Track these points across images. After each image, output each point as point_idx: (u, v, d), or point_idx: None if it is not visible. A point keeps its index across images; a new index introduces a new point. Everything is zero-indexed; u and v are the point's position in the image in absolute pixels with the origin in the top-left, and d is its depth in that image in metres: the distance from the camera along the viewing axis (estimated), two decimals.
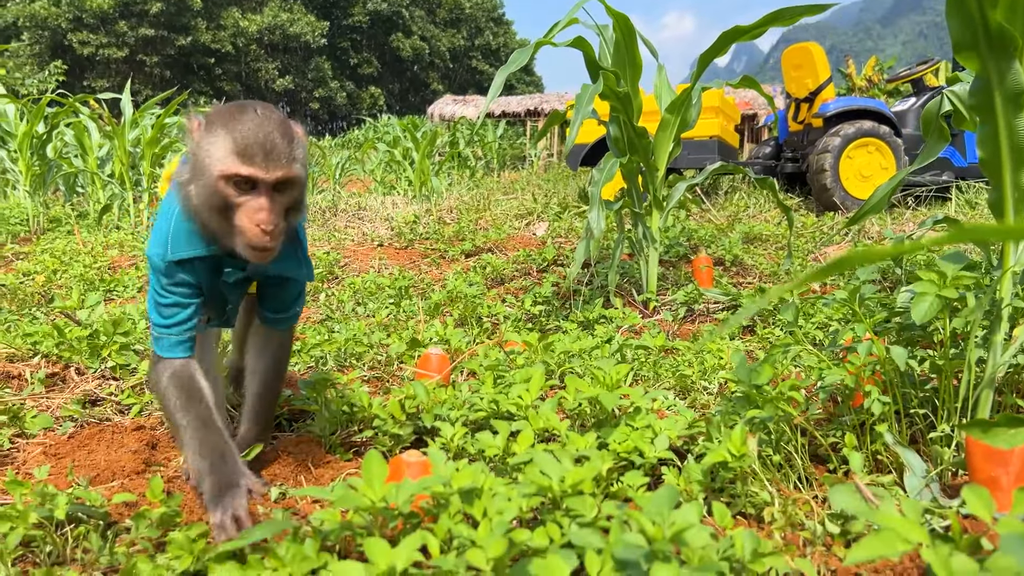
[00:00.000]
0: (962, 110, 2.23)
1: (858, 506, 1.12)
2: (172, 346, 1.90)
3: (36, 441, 2.33)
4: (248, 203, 1.65)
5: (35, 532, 1.62)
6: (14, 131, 8.45)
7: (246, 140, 1.63)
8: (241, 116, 1.66)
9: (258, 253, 1.69)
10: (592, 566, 1.20)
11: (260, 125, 1.65)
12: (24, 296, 4.68)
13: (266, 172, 1.64)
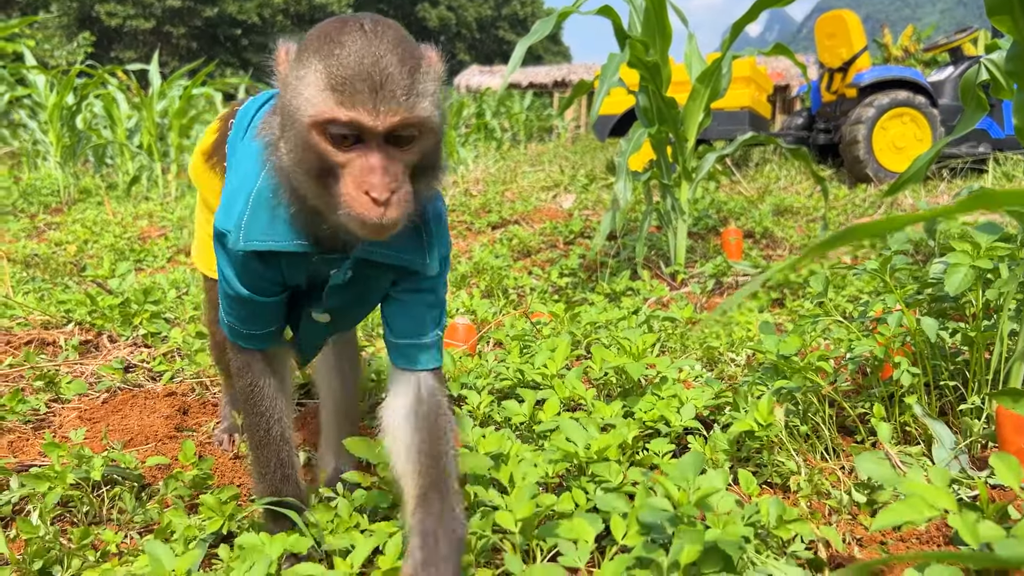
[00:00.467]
0: (1000, 79, 2.18)
1: (885, 474, 1.11)
2: (246, 339, 1.48)
3: (71, 406, 2.38)
4: (354, 162, 1.16)
5: (72, 492, 1.66)
6: (44, 102, 8.53)
7: (345, 70, 1.13)
8: (341, 36, 1.16)
9: (372, 229, 1.15)
10: (617, 529, 1.20)
11: (367, 47, 1.14)
12: (56, 265, 4.75)
13: (375, 116, 1.13)
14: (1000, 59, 2.19)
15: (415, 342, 1.42)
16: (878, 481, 1.26)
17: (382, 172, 1.13)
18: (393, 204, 1.14)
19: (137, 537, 1.60)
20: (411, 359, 1.42)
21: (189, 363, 2.66)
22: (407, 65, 1.15)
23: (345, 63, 1.12)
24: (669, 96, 4.20)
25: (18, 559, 1.42)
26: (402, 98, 1.14)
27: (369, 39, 1.15)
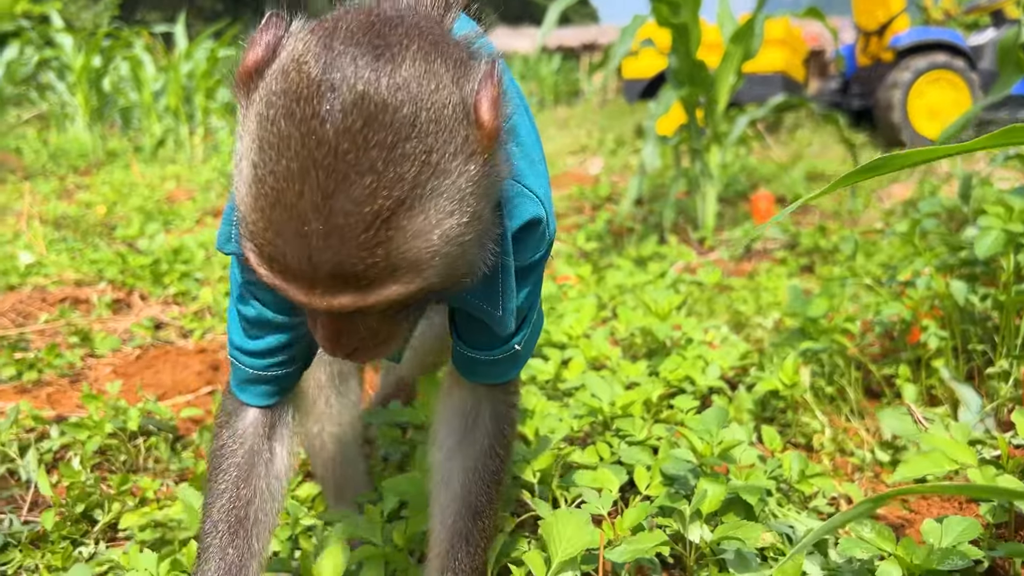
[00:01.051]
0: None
1: (907, 429, 1.12)
2: (246, 383, 1.13)
3: (105, 361, 2.43)
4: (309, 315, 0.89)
5: (110, 441, 1.70)
6: (72, 64, 8.58)
7: (272, 216, 0.76)
8: (284, 130, 0.75)
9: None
10: (641, 480, 1.22)
11: (311, 175, 0.73)
12: (86, 226, 4.81)
13: (311, 297, 0.79)
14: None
15: (490, 355, 1.13)
16: (901, 436, 1.27)
17: (334, 339, 0.86)
18: (359, 354, 0.90)
19: (173, 485, 1.64)
20: (480, 373, 1.16)
21: (219, 321, 2.70)
22: (380, 203, 0.74)
23: (272, 202, 0.75)
24: (699, 58, 4.15)
25: (61, 502, 1.46)
26: (356, 279, 0.76)
27: (322, 152, 0.73)
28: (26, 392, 2.18)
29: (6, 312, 2.80)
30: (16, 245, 4.08)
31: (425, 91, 0.76)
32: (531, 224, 1.02)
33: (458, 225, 0.79)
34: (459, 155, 0.78)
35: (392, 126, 0.73)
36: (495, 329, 1.06)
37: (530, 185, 1.02)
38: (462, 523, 1.09)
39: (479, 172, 0.80)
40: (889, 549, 0.96)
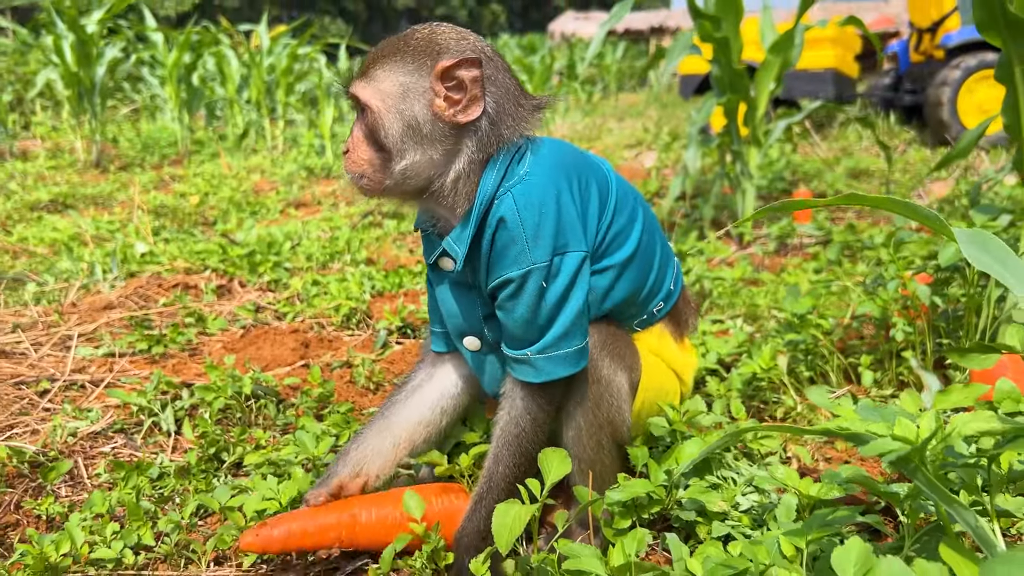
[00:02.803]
0: None
1: (825, 401, 1.49)
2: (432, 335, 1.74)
3: (215, 338, 2.94)
4: None
5: (230, 402, 2.18)
6: (164, 60, 9.24)
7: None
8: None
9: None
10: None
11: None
12: (183, 215, 5.38)
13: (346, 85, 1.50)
14: None
15: (511, 352, 1.49)
16: (820, 405, 1.64)
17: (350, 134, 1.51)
18: (350, 164, 1.48)
19: (279, 436, 2.12)
20: (509, 367, 1.52)
21: (307, 306, 3.19)
22: (380, 54, 1.45)
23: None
24: (739, 68, 4.48)
25: (200, 444, 1.95)
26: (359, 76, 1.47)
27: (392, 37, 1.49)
28: (155, 363, 2.70)
29: (130, 296, 3.34)
30: (126, 233, 4.67)
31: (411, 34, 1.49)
32: (500, 223, 1.42)
33: (379, 95, 1.43)
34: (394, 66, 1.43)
35: (400, 37, 1.47)
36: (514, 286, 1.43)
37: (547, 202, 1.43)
38: (491, 462, 1.50)
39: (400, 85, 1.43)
40: (791, 484, 1.36)
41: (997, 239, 0.99)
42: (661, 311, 1.71)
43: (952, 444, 0.92)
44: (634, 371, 1.58)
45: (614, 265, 1.55)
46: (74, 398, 2.40)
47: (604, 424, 1.52)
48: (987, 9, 1.95)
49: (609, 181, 1.59)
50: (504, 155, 1.45)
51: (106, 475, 1.94)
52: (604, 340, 1.53)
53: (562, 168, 1.48)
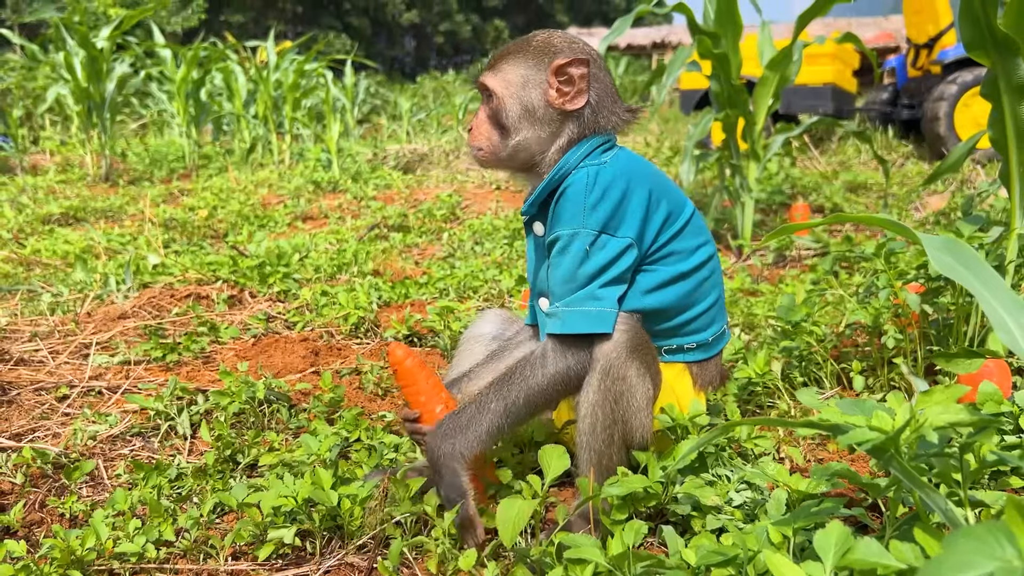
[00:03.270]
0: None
1: (814, 402, 1.56)
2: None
3: (228, 346, 3.02)
4: None
5: (244, 407, 2.26)
6: (172, 76, 9.38)
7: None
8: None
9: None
10: None
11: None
12: (192, 229, 5.48)
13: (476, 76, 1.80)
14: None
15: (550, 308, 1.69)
16: (811, 407, 1.71)
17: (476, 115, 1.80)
18: (474, 137, 1.77)
19: (292, 439, 2.20)
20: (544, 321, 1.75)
21: (317, 316, 3.27)
22: (507, 51, 1.75)
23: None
24: (738, 84, 4.58)
25: (217, 446, 2.03)
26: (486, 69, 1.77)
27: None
28: (170, 370, 2.78)
29: (143, 306, 3.42)
30: (137, 245, 4.76)
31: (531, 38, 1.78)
32: (568, 188, 1.64)
33: (504, 84, 1.72)
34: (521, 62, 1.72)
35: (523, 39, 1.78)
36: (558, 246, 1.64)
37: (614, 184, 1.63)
38: (497, 379, 1.64)
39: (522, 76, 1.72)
40: (781, 480, 1.43)
41: (967, 246, 1.07)
42: (692, 352, 1.77)
43: (924, 434, 0.99)
44: (656, 386, 1.66)
45: (664, 272, 1.69)
46: (93, 403, 2.48)
47: (619, 421, 1.59)
48: (975, 28, 2.04)
49: (685, 209, 1.75)
50: (594, 141, 1.71)
51: (126, 475, 2.02)
52: (637, 344, 1.61)
53: (642, 174, 1.68)
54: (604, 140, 1.73)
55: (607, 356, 1.58)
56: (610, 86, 1.74)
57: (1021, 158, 2.16)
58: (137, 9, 8.29)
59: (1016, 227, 2.25)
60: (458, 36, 59.13)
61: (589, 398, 1.59)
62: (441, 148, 9.44)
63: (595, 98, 1.70)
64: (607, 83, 1.74)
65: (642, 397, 1.61)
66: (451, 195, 6.43)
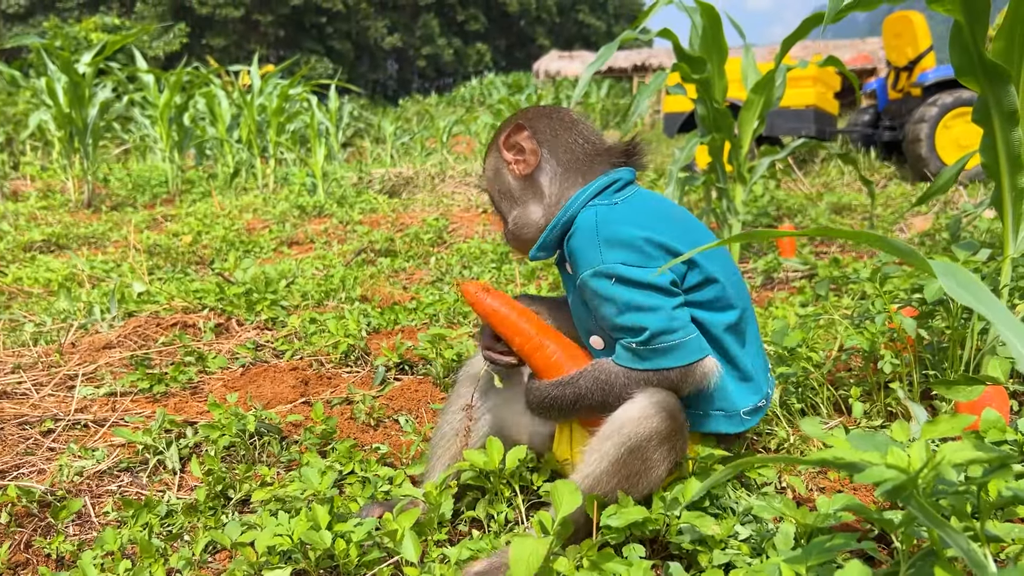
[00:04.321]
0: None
1: (818, 432, 1.54)
2: None
3: (216, 376, 2.97)
4: None
5: (235, 440, 2.22)
6: (155, 101, 9.34)
7: None
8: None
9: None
10: None
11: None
12: (176, 255, 5.43)
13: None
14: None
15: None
16: (813, 436, 1.69)
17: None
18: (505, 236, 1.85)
19: (283, 473, 2.15)
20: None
21: (306, 344, 3.23)
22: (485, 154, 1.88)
23: None
24: (724, 108, 4.60)
25: (208, 481, 1.98)
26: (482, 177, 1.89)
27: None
28: (157, 401, 2.73)
29: (129, 335, 3.37)
30: (121, 272, 4.70)
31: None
32: (576, 230, 1.65)
33: (492, 181, 1.82)
34: (492, 159, 1.83)
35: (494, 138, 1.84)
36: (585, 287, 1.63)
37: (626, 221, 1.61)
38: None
39: (498, 169, 1.81)
40: (789, 513, 1.41)
41: (965, 270, 1.06)
42: (713, 421, 1.67)
43: (943, 473, 0.97)
44: (676, 467, 1.60)
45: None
46: (79, 437, 2.43)
47: (615, 494, 1.53)
48: (965, 55, 2.05)
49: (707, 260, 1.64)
50: (600, 181, 1.69)
51: (114, 513, 1.97)
52: (675, 430, 1.54)
53: (660, 216, 1.64)
54: (612, 180, 1.70)
55: (640, 436, 1.50)
56: (573, 136, 1.76)
57: (1013, 183, 2.17)
58: (119, 34, 8.26)
59: (1009, 252, 2.25)
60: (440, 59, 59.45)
61: (601, 466, 1.52)
62: (426, 171, 9.43)
63: (552, 151, 1.74)
64: (567, 135, 1.76)
65: (654, 479, 1.55)
66: (437, 219, 6.42)
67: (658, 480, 1.57)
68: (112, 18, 26.64)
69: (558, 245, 1.72)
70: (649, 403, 1.51)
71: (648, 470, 1.53)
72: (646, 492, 1.57)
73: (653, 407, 1.50)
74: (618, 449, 1.50)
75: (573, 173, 1.72)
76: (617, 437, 1.50)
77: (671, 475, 1.64)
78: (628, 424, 1.50)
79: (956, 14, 2.04)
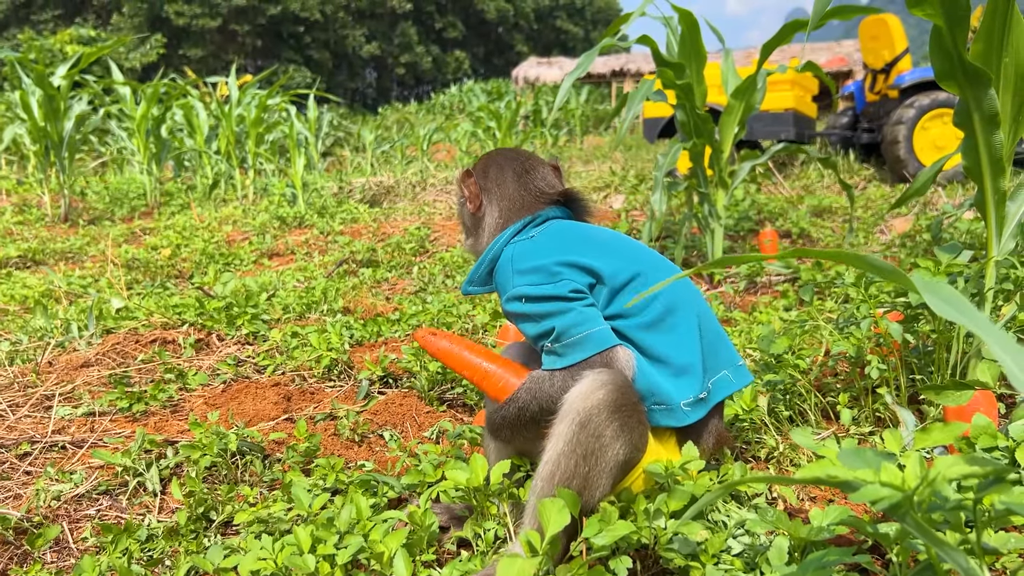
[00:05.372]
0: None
1: (809, 442, 1.53)
2: None
3: (197, 394, 2.93)
4: None
5: (216, 459, 2.18)
6: (132, 114, 9.25)
7: None
8: None
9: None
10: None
11: None
12: (155, 269, 5.36)
13: None
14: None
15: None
16: (804, 446, 1.68)
17: None
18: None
19: (266, 492, 2.11)
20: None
21: (287, 358, 3.19)
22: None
23: None
24: (704, 113, 4.60)
25: (189, 504, 1.94)
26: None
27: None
28: (137, 421, 2.68)
29: (108, 353, 3.32)
30: (99, 288, 4.64)
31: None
32: (499, 264, 1.86)
33: (459, 203, 2.06)
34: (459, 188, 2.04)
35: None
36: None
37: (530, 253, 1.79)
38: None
39: (463, 197, 2.03)
40: (782, 527, 1.39)
41: (950, 288, 1.04)
42: (654, 415, 1.68)
43: (939, 489, 0.96)
44: (632, 452, 1.59)
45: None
46: (56, 460, 2.38)
47: (579, 477, 1.53)
48: (945, 59, 2.05)
49: (623, 272, 1.73)
50: (521, 223, 1.88)
51: (93, 539, 1.92)
52: (623, 403, 1.56)
53: (566, 243, 1.77)
54: (532, 218, 1.88)
55: (588, 410, 1.53)
56: (513, 179, 1.96)
57: (996, 186, 2.17)
58: (95, 46, 8.17)
59: (993, 254, 2.25)
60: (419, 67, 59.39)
61: (558, 447, 1.54)
62: (407, 180, 9.39)
63: (494, 195, 1.97)
64: (508, 179, 1.96)
65: (613, 460, 1.55)
66: (419, 228, 6.38)
67: (617, 462, 1.56)
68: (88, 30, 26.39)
69: (487, 281, 1.91)
70: (594, 378, 1.57)
71: (603, 448, 1.53)
72: (609, 477, 1.56)
73: (596, 382, 1.56)
74: (570, 426, 1.53)
75: (513, 216, 1.92)
76: (568, 416, 1.55)
77: (637, 469, 1.62)
78: (576, 400, 1.55)
79: (936, 18, 2.03)
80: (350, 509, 1.78)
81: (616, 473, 1.58)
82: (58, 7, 45.53)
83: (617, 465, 1.56)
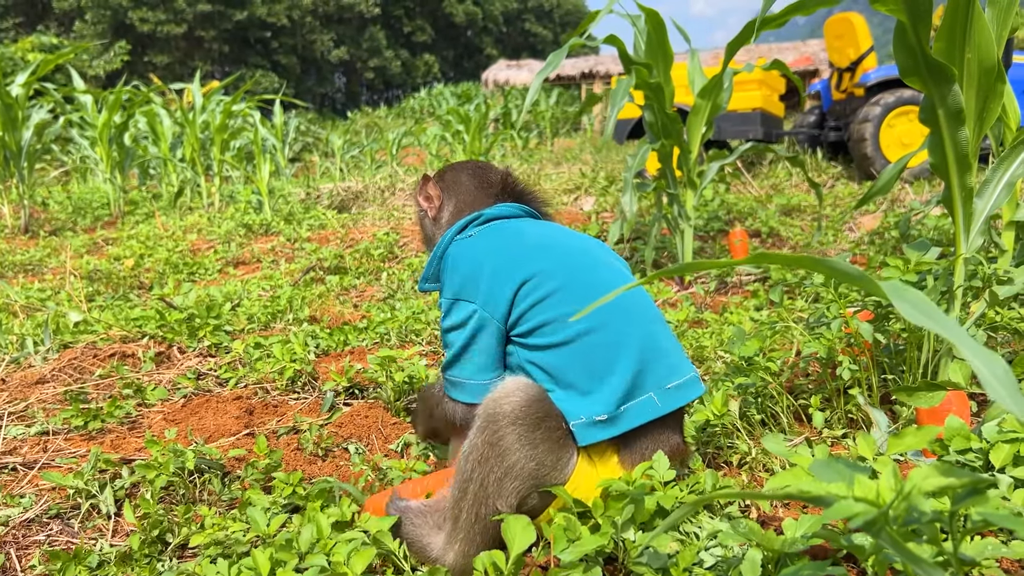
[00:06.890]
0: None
1: (781, 449, 1.49)
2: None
3: (156, 409, 2.84)
4: None
5: (173, 479, 2.10)
6: (94, 121, 9.07)
7: None
8: None
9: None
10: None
11: None
12: (118, 280, 5.24)
13: None
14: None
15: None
16: (777, 453, 1.64)
17: None
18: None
19: (225, 512, 2.04)
20: None
21: (250, 370, 3.11)
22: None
23: None
24: (672, 112, 4.58)
25: (143, 527, 1.86)
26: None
27: None
28: (92, 439, 2.59)
29: (64, 368, 3.21)
30: (58, 301, 4.51)
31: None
32: (444, 261, 1.90)
33: (417, 209, 2.12)
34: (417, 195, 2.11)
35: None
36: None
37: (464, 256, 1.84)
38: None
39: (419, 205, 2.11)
40: (755, 539, 1.35)
41: (920, 294, 1.00)
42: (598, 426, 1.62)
43: (915, 503, 0.91)
44: (543, 467, 1.56)
45: (537, 341, 1.70)
46: (5, 483, 2.28)
47: (475, 481, 1.56)
48: (909, 56, 2.03)
49: (552, 278, 1.71)
50: (466, 220, 1.93)
51: (41, 567, 1.84)
52: (526, 414, 1.56)
53: (496, 247, 1.81)
54: (474, 218, 1.92)
55: (489, 418, 1.57)
56: (471, 183, 2.04)
57: (962, 182, 2.15)
58: (55, 54, 8.00)
59: (962, 251, 2.23)
60: (388, 71, 59.16)
61: (464, 449, 1.60)
62: (376, 185, 9.30)
63: (452, 197, 2.04)
64: (466, 182, 2.04)
65: (508, 467, 1.54)
66: (388, 233, 6.30)
67: (514, 475, 1.55)
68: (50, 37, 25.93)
69: (440, 277, 1.93)
70: (504, 387, 1.61)
71: (500, 455, 1.54)
72: (511, 485, 1.55)
73: (506, 391, 1.60)
74: (474, 431, 1.59)
75: (465, 211, 1.98)
76: (476, 421, 1.60)
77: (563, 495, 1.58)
78: (483, 406, 1.60)
79: (899, 14, 2.01)
80: (310, 528, 1.72)
81: (521, 486, 1.55)
82: (19, 14, 44.84)
83: (520, 477, 1.55)
